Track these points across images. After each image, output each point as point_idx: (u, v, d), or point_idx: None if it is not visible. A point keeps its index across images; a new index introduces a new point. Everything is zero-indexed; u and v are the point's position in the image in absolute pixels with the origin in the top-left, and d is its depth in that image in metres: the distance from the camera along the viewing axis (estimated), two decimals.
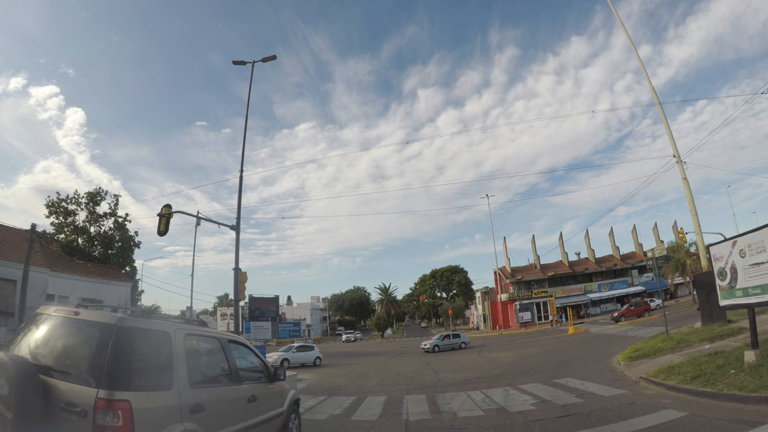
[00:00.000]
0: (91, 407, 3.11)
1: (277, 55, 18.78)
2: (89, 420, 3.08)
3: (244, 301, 30.10)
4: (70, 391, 3.20)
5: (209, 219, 20.28)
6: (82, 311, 3.80)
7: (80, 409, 3.12)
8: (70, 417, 3.13)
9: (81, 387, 3.21)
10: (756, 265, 8.29)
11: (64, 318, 3.74)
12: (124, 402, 3.17)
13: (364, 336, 76.07)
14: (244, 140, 18.87)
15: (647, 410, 7.29)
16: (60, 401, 3.18)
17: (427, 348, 29.82)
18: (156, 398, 3.50)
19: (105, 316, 3.69)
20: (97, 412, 3.10)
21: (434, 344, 29.83)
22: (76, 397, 3.17)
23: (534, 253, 59.57)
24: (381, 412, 9.35)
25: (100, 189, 38.01)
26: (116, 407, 3.13)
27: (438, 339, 30.79)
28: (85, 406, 3.12)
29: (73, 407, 3.14)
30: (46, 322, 3.81)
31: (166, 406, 3.56)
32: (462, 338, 31.19)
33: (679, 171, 19.23)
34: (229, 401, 4.53)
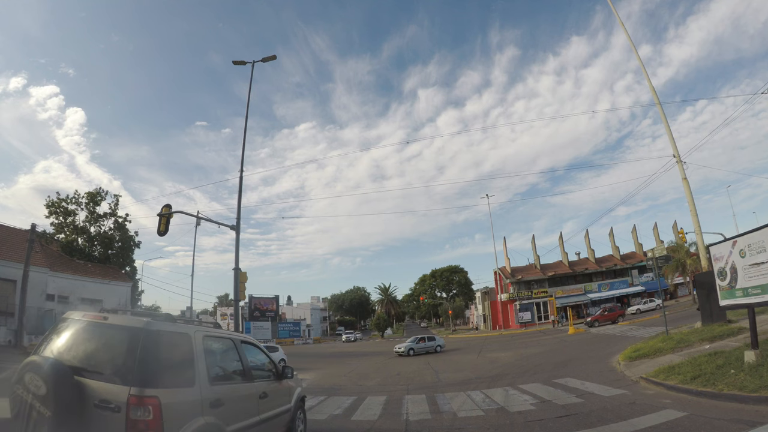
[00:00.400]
0: (124, 403, 3.40)
1: (277, 55, 18.81)
2: (123, 415, 3.38)
3: (244, 301, 30.12)
4: (103, 389, 3.48)
5: (209, 219, 20.29)
6: (110, 316, 4.09)
7: (114, 405, 3.41)
8: (104, 413, 3.41)
9: (114, 385, 3.49)
10: (756, 265, 8.29)
11: (93, 322, 4.03)
12: (153, 398, 3.48)
13: (364, 336, 76.06)
14: (244, 140, 18.90)
15: (647, 410, 7.29)
16: (94, 399, 3.45)
17: (401, 351, 28.06)
18: (181, 394, 3.82)
19: (133, 321, 3.98)
20: (130, 408, 3.39)
21: (409, 347, 28.36)
22: (109, 395, 3.45)
23: (534, 253, 59.62)
24: (381, 412, 9.35)
25: (100, 189, 38.07)
26: (147, 403, 3.44)
27: (413, 342, 29.31)
28: (118, 402, 3.41)
29: (107, 404, 3.42)
30: (74, 327, 4.08)
31: (189, 401, 3.89)
32: (437, 341, 29.97)
33: (679, 171, 19.23)
34: (244, 397, 4.89)
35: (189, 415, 3.82)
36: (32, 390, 3.52)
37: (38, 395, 3.44)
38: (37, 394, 3.45)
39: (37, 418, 3.42)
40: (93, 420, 3.42)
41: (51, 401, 3.38)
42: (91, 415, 3.42)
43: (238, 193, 18.05)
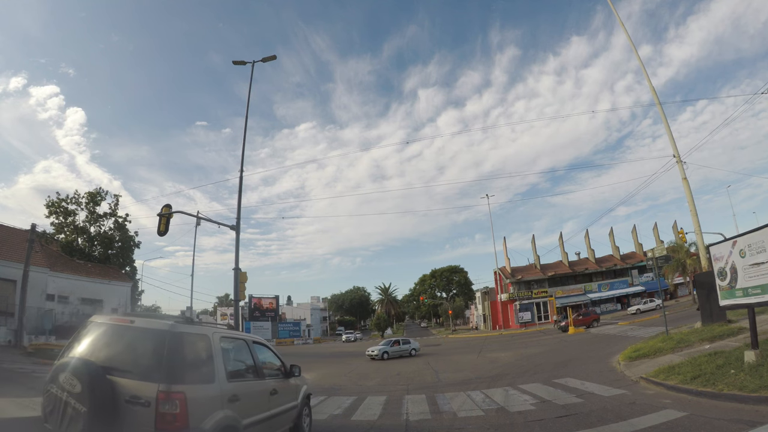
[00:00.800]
0: (154, 398, 3.74)
1: (277, 55, 18.82)
2: (152, 409, 3.72)
3: (244, 301, 30.12)
4: (134, 386, 3.83)
5: (209, 219, 20.30)
6: (136, 319, 4.48)
7: (144, 401, 3.75)
8: (134, 408, 3.76)
9: (143, 383, 3.84)
10: (756, 265, 8.29)
11: (120, 325, 4.42)
12: (180, 393, 3.83)
13: (364, 336, 76.05)
14: (244, 140, 18.90)
15: (647, 410, 7.29)
16: (125, 395, 3.80)
17: (374, 355, 26.12)
18: (203, 390, 4.19)
19: (158, 324, 4.36)
20: (159, 402, 3.73)
21: (383, 351, 26.60)
22: (139, 391, 3.80)
23: (534, 253, 59.62)
24: (381, 412, 9.35)
25: (100, 189, 38.05)
26: (174, 398, 3.78)
27: (387, 345, 27.65)
28: (148, 398, 3.76)
29: (138, 399, 3.77)
30: (100, 330, 4.46)
31: (210, 396, 4.26)
32: (412, 344, 28.57)
33: (679, 171, 19.24)
34: (257, 393, 5.28)
35: (210, 409, 4.17)
36: (67, 388, 3.83)
37: (73, 393, 3.78)
38: (73, 392, 3.78)
39: (72, 414, 3.73)
40: (124, 414, 3.77)
41: (87, 398, 3.71)
42: (122, 409, 3.77)
43: (238, 193, 18.08)
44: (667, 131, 19.96)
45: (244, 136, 18.83)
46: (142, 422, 3.74)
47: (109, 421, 3.74)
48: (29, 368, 15.32)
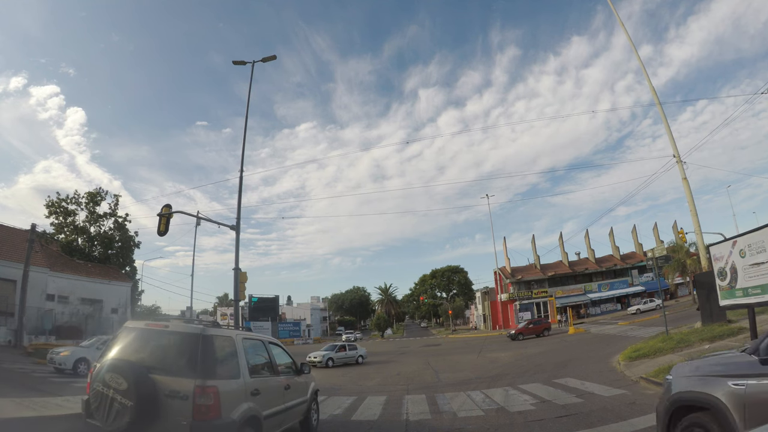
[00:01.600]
0: (191, 392, 4.29)
1: (278, 55, 18.82)
2: (190, 401, 4.28)
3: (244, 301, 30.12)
4: (172, 382, 4.40)
5: (209, 219, 20.30)
6: (171, 324, 5.09)
7: (182, 395, 4.31)
8: (174, 401, 4.32)
9: (181, 379, 4.40)
10: (756, 265, 8.29)
11: (156, 330, 5.01)
12: (213, 387, 4.41)
13: (364, 336, 76.03)
14: (244, 140, 18.90)
15: (647, 410, 7.28)
16: (165, 390, 4.35)
17: (317, 361, 24.05)
18: (231, 384, 4.77)
19: (191, 328, 4.92)
20: (196, 396, 4.29)
21: (327, 357, 24.82)
22: (178, 386, 4.36)
23: (534, 253, 59.61)
24: (381, 412, 9.35)
25: (100, 189, 38.06)
26: (208, 391, 4.35)
27: (331, 350, 25.68)
28: (186, 392, 4.31)
29: (177, 393, 4.33)
30: (137, 333, 5.05)
31: (237, 390, 4.83)
32: (359, 351, 26.65)
33: (679, 171, 19.25)
34: (273, 388, 5.87)
35: (237, 401, 4.74)
36: (113, 386, 4.34)
37: (120, 390, 4.29)
38: (119, 389, 4.29)
39: (119, 408, 4.26)
40: (165, 407, 4.32)
41: (132, 394, 4.23)
42: (163, 403, 4.32)
43: (238, 193, 18.07)
44: (667, 131, 19.98)
45: (244, 136, 18.84)
46: (181, 413, 4.28)
47: (152, 413, 4.28)
48: (29, 368, 15.35)
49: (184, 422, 4.25)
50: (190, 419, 4.25)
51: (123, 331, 5.12)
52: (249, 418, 4.82)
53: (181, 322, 5.26)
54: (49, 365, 15.35)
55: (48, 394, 9.83)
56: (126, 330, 5.12)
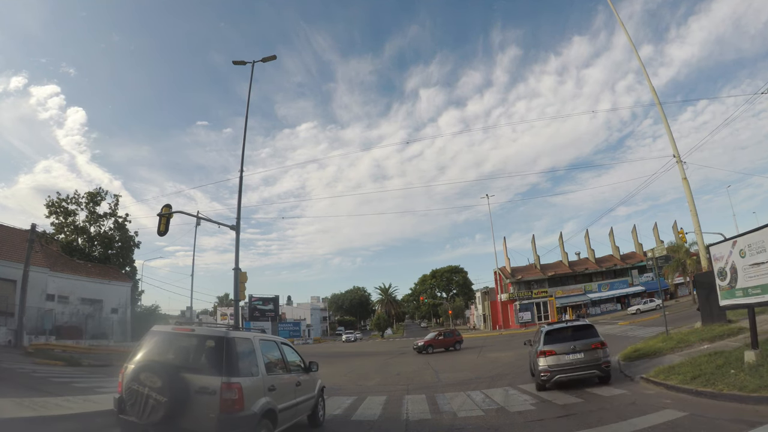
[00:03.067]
0: (218, 388, 4.83)
1: (279, 54, 18.84)
2: (217, 396, 4.80)
3: (244, 301, 30.11)
4: (201, 380, 4.94)
5: (209, 219, 20.31)
6: (196, 328, 5.76)
7: (211, 390, 4.84)
8: (202, 396, 4.84)
9: (209, 377, 4.95)
10: (756, 265, 8.28)
11: (183, 333, 5.62)
12: (237, 384, 4.96)
13: (364, 336, 76.04)
14: (244, 140, 18.90)
15: (647, 410, 7.29)
16: (194, 386, 4.87)
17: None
18: (252, 381, 5.33)
19: (215, 332, 5.55)
20: (223, 391, 4.82)
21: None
22: (206, 383, 4.89)
23: (534, 253, 59.59)
24: (381, 412, 9.35)
25: (100, 189, 38.07)
26: (233, 387, 4.90)
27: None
28: (214, 388, 4.85)
29: (206, 389, 4.86)
30: (163, 337, 5.66)
31: (256, 386, 5.41)
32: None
33: (679, 171, 19.24)
34: (286, 384, 6.46)
35: (257, 396, 5.30)
36: (148, 384, 4.82)
37: (154, 387, 4.77)
38: (154, 387, 4.77)
39: (154, 404, 4.74)
40: (195, 402, 4.82)
41: (167, 391, 4.72)
42: (193, 398, 4.82)
43: (238, 193, 18.07)
44: (667, 131, 19.97)
45: (244, 136, 18.84)
46: (209, 407, 4.81)
47: (184, 408, 4.78)
48: (29, 368, 15.32)
49: (212, 415, 4.78)
50: (218, 412, 4.78)
51: (149, 335, 5.67)
52: (267, 411, 5.41)
53: (205, 326, 5.91)
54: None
55: (48, 394, 9.83)
56: (152, 334, 5.69)
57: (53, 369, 15.98)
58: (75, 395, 9.91)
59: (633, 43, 21.37)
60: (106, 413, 7.84)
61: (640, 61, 21.04)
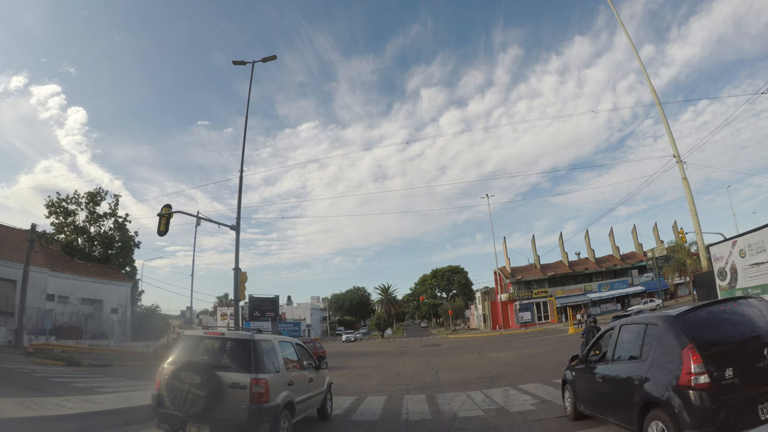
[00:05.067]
0: (249, 383, 5.64)
1: (280, 54, 18.94)
2: (248, 390, 5.61)
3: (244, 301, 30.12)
4: (233, 376, 5.71)
5: (209, 219, 20.31)
6: (226, 332, 6.70)
7: (242, 385, 5.64)
8: (235, 390, 5.63)
9: (240, 374, 5.74)
10: (756, 265, 8.30)
11: (214, 337, 6.53)
12: (264, 379, 5.77)
13: (364, 336, 76.03)
14: (244, 140, 18.90)
15: None
16: (228, 382, 5.65)
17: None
18: (275, 377, 6.15)
19: (243, 335, 6.44)
20: (252, 386, 5.63)
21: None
22: (238, 379, 5.68)
23: (534, 253, 59.64)
24: (381, 412, 9.34)
25: (100, 189, 38.06)
26: (261, 382, 5.71)
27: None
28: (245, 383, 5.65)
29: (238, 384, 5.65)
30: (195, 340, 6.53)
31: (278, 381, 6.21)
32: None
33: (680, 171, 19.26)
34: (302, 380, 7.27)
35: (279, 390, 6.11)
36: (188, 381, 5.56)
37: (194, 384, 5.53)
38: (193, 384, 5.53)
39: (193, 398, 5.48)
40: (229, 395, 5.61)
41: (205, 386, 5.48)
42: (227, 392, 5.61)
43: (238, 193, 18.08)
44: (667, 131, 19.98)
45: (244, 137, 18.85)
46: (241, 399, 5.59)
47: (220, 400, 5.55)
48: (29, 368, 15.33)
49: (243, 406, 5.58)
50: (248, 404, 5.58)
51: (182, 339, 6.64)
52: (287, 402, 6.25)
53: (234, 330, 7.25)
54: None
55: (48, 394, 9.82)
56: (185, 338, 6.67)
57: (53, 369, 15.99)
58: (75, 395, 9.91)
59: (633, 44, 21.39)
60: (106, 413, 7.88)
61: (640, 61, 21.06)
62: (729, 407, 4.03)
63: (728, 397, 4.06)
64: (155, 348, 31.86)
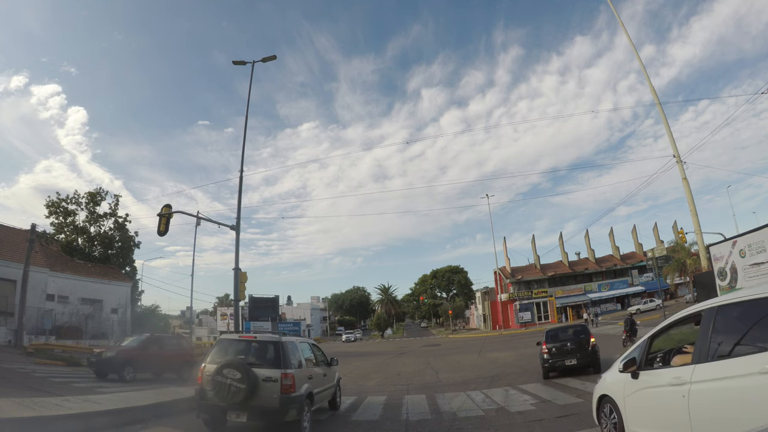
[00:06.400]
0: (279, 377, 6.83)
1: (281, 54, 19.01)
2: (278, 383, 6.79)
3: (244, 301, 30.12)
4: (266, 372, 6.88)
5: (209, 219, 20.31)
6: (257, 336, 7.91)
7: (274, 379, 6.83)
8: (268, 383, 6.80)
9: (272, 369, 6.94)
10: (756, 265, 8.30)
11: (248, 339, 7.72)
12: (291, 373, 6.99)
13: (364, 336, 76.04)
14: (244, 140, 18.90)
15: None
16: (262, 376, 6.80)
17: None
18: (299, 372, 7.35)
19: (272, 338, 7.61)
20: (282, 379, 6.83)
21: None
22: (270, 374, 6.87)
23: (534, 253, 59.62)
24: (381, 412, 9.35)
25: (100, 189, 38.06)
26: (288, 376, 6.91)
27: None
28: (276, 377, 6.84)
29: (270, 378, 6.83)
30: (231, 342, 7.82)
31: (301, 375, 7.42)
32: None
33: (680, 171, 19.25)
34: (318, 375, 8.48)
35: (302, 382, 7.32)
36: (230, 376, 6.62)
37: (235, 378, 6.61)
38: (234, 378, 6.61)
39: (235, 390, 6.57)
40: (263, 387, 6.76)
41: (244, 380, 6.58)
42: (261, 385, 6.74)
43: (238, 193, 18.08)
44: (667, 131, 19.98)
45: (244, 137, 18.85)
46: (273, 390, 6.77)
47: (255, 392, 6.67)
48: (29, 368, 15.32)
49: (275, 396, 6.74)
50: (279, 393, 6.76)
51: (219, 342, 7.90)
52: (308, 393, 7.41)
53: (264, 334, 8.70)
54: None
55: (48, 394, 9.82)
56: (221, 341, 7.96)
57: (53, 369, 15.99)
58: (75, 395, 9.91)
59: (633, 44, 21.40)
60: (106, 413, 7.88)
61: (639, 61, 21.06)
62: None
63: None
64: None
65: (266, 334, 8.56)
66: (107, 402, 9.08)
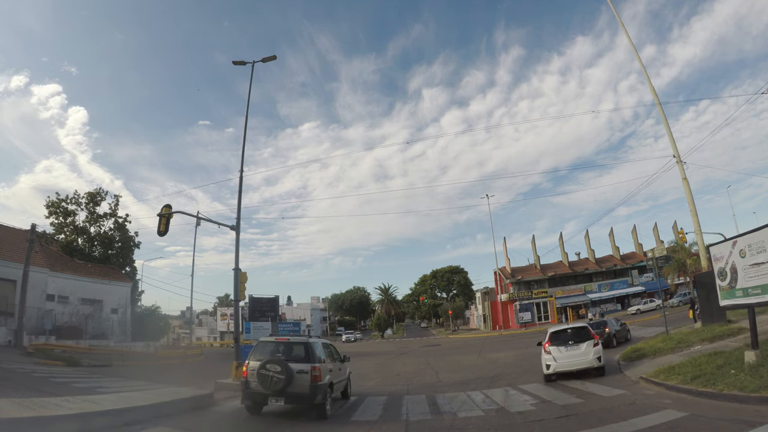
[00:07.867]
0: (309, 370, 8.66)
1: (282, 54, 19.09)
2: (309, 374, 8.61)
3: (244, 302, 30.09)
4: (299, 366, 8.67)
5: (209, 219, 20.29)
6: (290, 338, 10.11)
7: (305, 371, 8.62)
8: (301, 375, 8.58)
9: (303, 364, 8.75)
10: (756, 265, 8.29)
11: (283, 341, 9.76)
12: (318, 367, 8.82)
13: (364, 336, 76.02)
14: (244, 140, 18.88)
15: (647, 410, 7.29)
16: (296, 369, 8.58)
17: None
18: (323, 365, 9.15)
19: (302, 339, 9.77)
20: (312, 371, 8.65)
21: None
22: (302, 368, 8.66)
23: (534, 254, 59.58)
24: (381, 413, 9.36)
25: (100, 189, 38.08)
26: (316, 369, 8.73)
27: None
28: (307, 370, 8.65)
29: (303, 371, 8.62)
30: (269, 343, 9.67)
31: (325, 368, 9.21)
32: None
33: (680, 171, 19.24)
34: (335, 368, 10.22)
35: (326, 374, 9.08)
36: (272, 370, 8.45)
37: (276, 372, 8.43)
38: (275, 371, 8.43)
39: (276, 380, 8.39)
40: (297, 378, 8.52)
41: (284, 373, 8.41)
42: (296, 376, 8.52)
43: (238, 193, 18.07)
44: (667, 131, 19.98)
45: (244, 137, 18.83)
46: (305, 380, 8.55)
47: (292, 381, 8.43)
48: (29, 368, 15.33)
49: (306, 384, 8.51)
50: (310, 383, 8.53)
51: (260, 343, 9.78)
52: (330, 383, 9.19)
53: (295, 336, 11.60)
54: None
55: (48, 394, 9.83)
56: (261, 342, 9.82)
57: (53, 369, 16.00)
58: (75, 395, 9.91)
59: (633, 44, 21.38)
60: (106, 413, 7.88)
61: (639, 61, 21.06)
62: None
63: None
64: (155, 348, 31.88)
65: (297, 336, 11.01)
66: (107, 402, 9.08)
